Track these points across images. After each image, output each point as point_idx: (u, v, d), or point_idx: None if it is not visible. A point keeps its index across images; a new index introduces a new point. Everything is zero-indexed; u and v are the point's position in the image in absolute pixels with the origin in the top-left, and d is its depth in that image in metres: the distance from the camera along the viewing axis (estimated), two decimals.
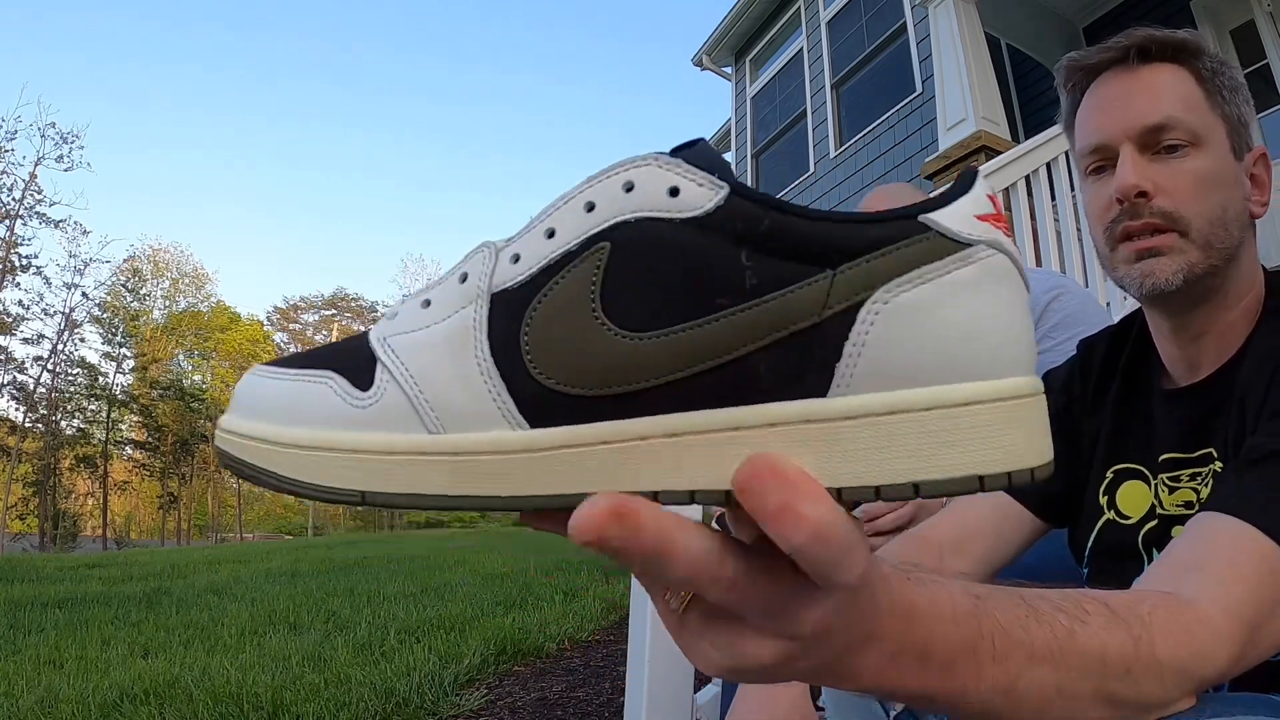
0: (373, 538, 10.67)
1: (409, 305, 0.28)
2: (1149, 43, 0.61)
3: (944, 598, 0.30)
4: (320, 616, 3.61)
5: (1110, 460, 0.66)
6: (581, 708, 2.11)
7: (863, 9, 6.10)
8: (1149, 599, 0.39)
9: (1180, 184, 0.59)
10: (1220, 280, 0.60)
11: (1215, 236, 0.59)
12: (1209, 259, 0.59)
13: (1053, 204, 2.60)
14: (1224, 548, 0.44)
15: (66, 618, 3.93)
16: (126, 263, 28.39)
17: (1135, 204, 0.60)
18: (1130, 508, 0.63)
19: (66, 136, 21.23)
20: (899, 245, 0.23)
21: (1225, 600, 0.41)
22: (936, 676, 0.29)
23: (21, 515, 22.07)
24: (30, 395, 21.69)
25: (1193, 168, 0.59)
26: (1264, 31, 4.23)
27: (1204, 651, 0.38)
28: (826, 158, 6.29)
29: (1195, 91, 0.61)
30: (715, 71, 7.81)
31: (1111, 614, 0.36)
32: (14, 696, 2.34)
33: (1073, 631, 0.33)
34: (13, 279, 20.93)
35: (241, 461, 0.26)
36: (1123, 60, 0.62)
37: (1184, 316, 0.62)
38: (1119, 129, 0.61)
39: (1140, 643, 0.35)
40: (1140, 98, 0.61)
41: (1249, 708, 0.38)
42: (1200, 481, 0.59)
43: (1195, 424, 0.60)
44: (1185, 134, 0.59)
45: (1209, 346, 0.62)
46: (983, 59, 4.22)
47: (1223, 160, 0.60)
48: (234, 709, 2.03)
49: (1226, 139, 0.60)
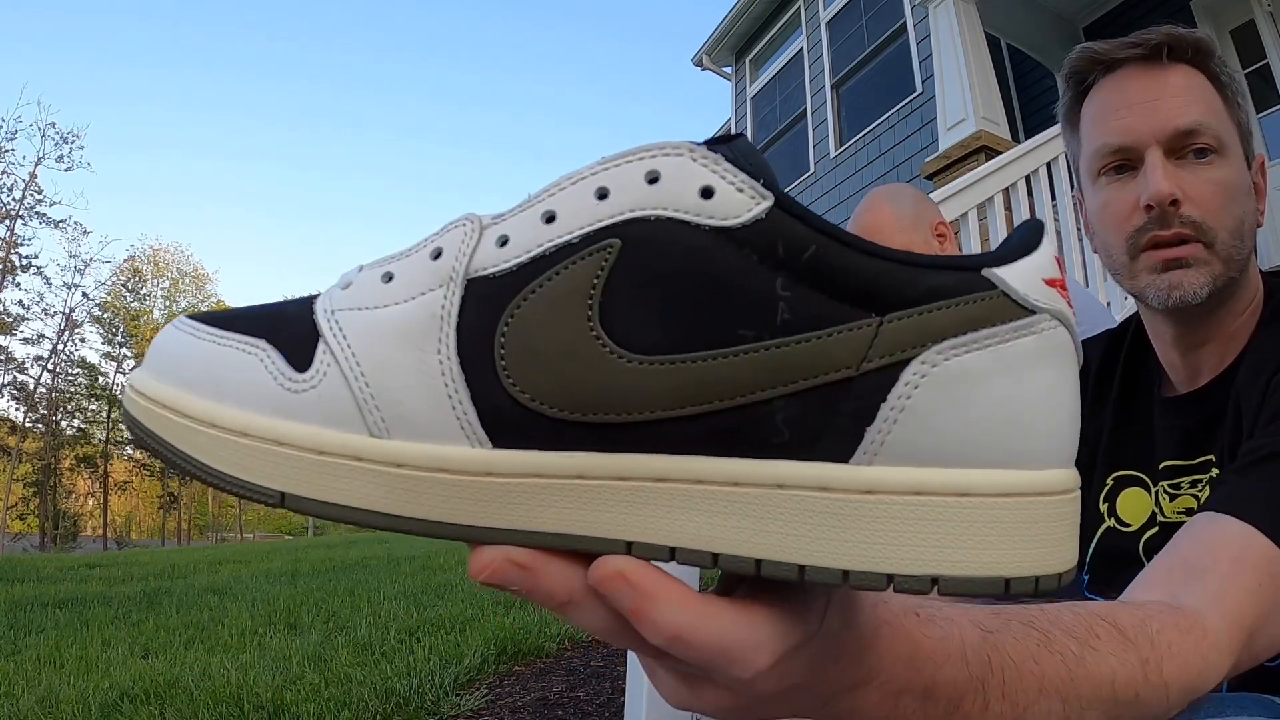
0: (373, 537, 10.65)
1: (367, 276, 0.23)
2: (1175, 41, 0.58)
3: (954, 636, 0.29)
4: (320, 616, 3.60)
5: (1110, 467, 0.66)
6: (582, 708, 2.11)
7: (863, 9, 6.10)
8: (1157, 617, 0.38)
9: (1207, 192, 0.57)
10: (1232, 291, 0.60)
11: (1235, 249, 0.58)
12: (1229, 271, 0.58)
13: (1053, 204, 2.60)
14: (1226, 550, 0.43)
15: (67, 618, 3.93)
16: (127, 263, 28.39)
17: (1166, 212, 0.57)
18: (1130, 515, 0.63)
19: (66, 136, 21.24)
20: (960, 301, 0.20)
21: (1228, 608, 0.40)
22: (941, 713, 0.28)
23: (22, 515, 22.08)
24: (30, 395, 21.70)
25: (1219, 176, 0.58)
26: (1264, 31, 4.23)
27: (1209, 666, 0.38)
28: (826, 158, 6.29)
29: (1216, 96, 0.59)
30: (715, 71, 7.81)
31: (1121, 636, 0.35)
32: (14, 696, 2.34)
33: (1083, 659, 0.33)
34: (13, 279, 20.93)
35: (149, 432, 0.22)
36: (1148, 58, 0.59)
37: (1193, 326, 0.61)
38: (1148, 130, 0.58)
39: (1148, 666, 0.35)
40: (1170, 100, 0.58)
41: (1243, 709, 0.38)
42: (1200, 488, 0.58)
43: (1195, 431, 0.60)
44: (1212, 140, 0.58)
45: (1210, 354, 0.61)
46: (983, 59, 4.22)
47: (1241, 169, 0.59)
48: (234, 709, 2.03)
49: (1240, 146, 0.60)
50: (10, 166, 20.59)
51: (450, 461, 0.21)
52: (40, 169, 20.85)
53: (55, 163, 21.09)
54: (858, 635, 0.25)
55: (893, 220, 1.24)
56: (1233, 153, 0.59)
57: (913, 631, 0.28)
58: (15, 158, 24.81)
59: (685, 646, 0.20)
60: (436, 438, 0.21)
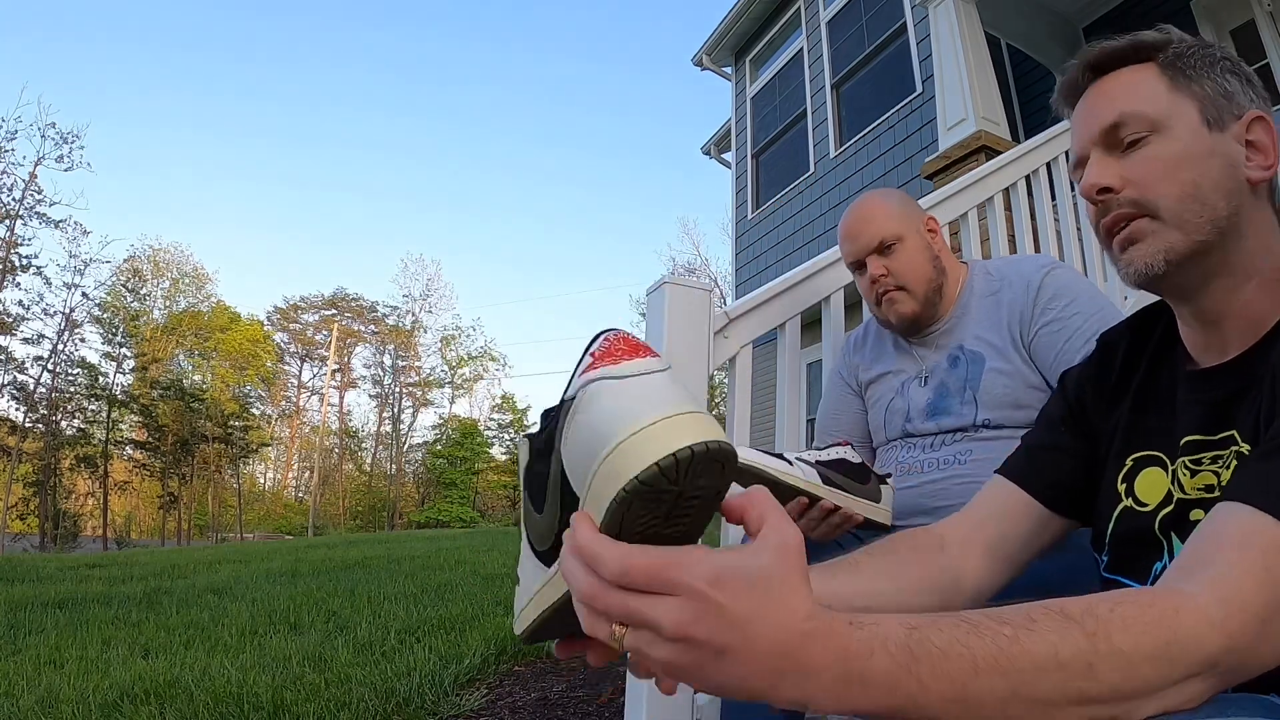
0: (373, 538, 10.65)
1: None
2: (1099, 57, 0.65)
3: (878, 635, 0.37)
4: (320, 616, 3.61)
5: (1130, 448, 0.66)
6: (581, 708, 2.11)
7: (863, 9, 6.10)
8: (1115, 597, 0.41)
9: (1144, 171, 0.61)
10: (1220, 256, 0.59)
11: (1190, 212, 0.59)
12: (1190, 236, 0.59)
13: (1053, 204, 2.60)
14: (1233, 537, 0.44)
15: (67, 618, 3.93)
16: (126, 263, 28.43)
17: (1104, 201, 0.62)
18: (1147, 494, 0.63)
19: (66, 136, 21.18)
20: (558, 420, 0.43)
21: (1222, 586, 0.41)
22: (883, 695, 0.36)
23: (22, 515, 22.06)
24: (30, 395, 21.69)
25: (1154, 153, 0.61)
26: (1264, 31, 4.23)
27: (1183, 636, 0.39)
28: (826, 158, 6.30)
29: (1153, 82, 0.62)
30: (715, 71, 7.82)
31: (1064, 618, 0.39)
32: (14, 696, 2.34)
33: (1016, 638, 0.38)
34: (13, 279, 20.92)
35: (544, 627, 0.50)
36: (1090, 78, 0.66)
37: (1195, 299, 0.62)
38: (1086, 136, 0.65)
39: (1095, 638, 0.38)
40: (1100, 106, 0.64)
41: (1243, 708, 0.38)
42: (1221, 464, 0.58)
43: (1219, 405, 0.60)
44: (1143, 125, 0.61)
45: (1233, 328, 0.61)
46: (983, 59, 4.22)
47: (1191, 138, 0.60)
48: (234, 709, 2.03)
49: (1198, 114, 0.61)
50: (10, 166, 20.59)
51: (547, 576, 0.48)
52: (40, 169, 20.86)
53: (55, 163, 21.07)
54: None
55: (882, 209, 1.28)
56: (1176, 128, 0.61)
57: (842, 634, 0.36)
58: (15, 158, 24.82)
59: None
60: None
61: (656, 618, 0.35)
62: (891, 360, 1.35)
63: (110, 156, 52.98)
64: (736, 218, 7.63)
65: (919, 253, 1.26)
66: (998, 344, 1.20)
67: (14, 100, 42.69)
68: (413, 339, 38.57)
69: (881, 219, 1.27)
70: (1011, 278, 1.24)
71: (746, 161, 7.48)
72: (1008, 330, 1.20)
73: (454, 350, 38.70)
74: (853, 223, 1.29)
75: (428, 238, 63.01)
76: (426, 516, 31.11)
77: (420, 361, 38.77)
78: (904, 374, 1.31)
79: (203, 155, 56.31)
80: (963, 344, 1.24)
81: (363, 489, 35.74)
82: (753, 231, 7.29)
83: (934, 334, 1.28)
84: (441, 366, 38.59)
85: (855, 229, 1.28)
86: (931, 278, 1.26)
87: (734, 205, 7.70)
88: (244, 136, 57.22)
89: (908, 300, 1.25)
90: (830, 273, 1.64)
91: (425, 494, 34.58)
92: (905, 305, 1.25)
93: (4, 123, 24.75)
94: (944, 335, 1.27)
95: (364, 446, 37.94)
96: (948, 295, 1.28)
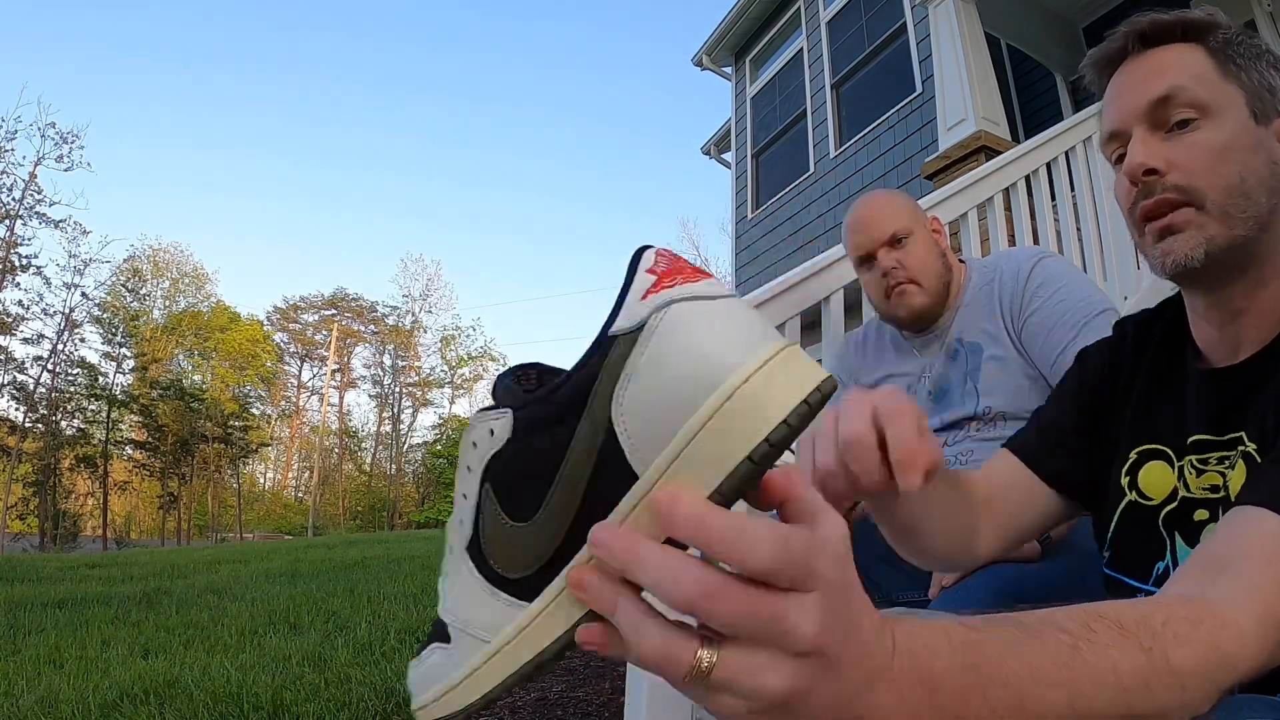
0: (372, 538, 10.66)
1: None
2: (1150, 27, 0.61)
3: (940, 634, 0.31)
4: (320, 616, 3.60)
5: (1135, 441, 0.65)
6: (581, 708, 2.11)
7: (863, 9, 6.10)
8: (1164, 610, 0.38)
9: (1192, 157, 0.58)
10: (1252, 253, 0.58)
11: (1235, 206, 0.57)
12: (1232, 230, 0.57)
13: (1053, 204, 2.60)
14: (1257, 545, 0.43)
15: (66, 618, 3.93)
16: (126, 263, 28.45)
17: (1147, 183, 0.59)
18: (1152, 489, 0.62)
19: (66, 136, 21.23)
20: (609, 364, 0.29)
21: (1255, 603, 0.40)
22: (945, 702, 0.30)
23: (21, 515, 22.05)
24: (30, 395, 21.69)
25: (1204, 139, 0.58)
26: (1264, 31, 4.23)
27: (1228, 658, 0.38)
28: (826, 157, 6.29)
29: (1204, 63, 0.60)
30: (715, 71, 7.81)
31: (1120, 630, 0.36)
32: (14, 696, 2.34)
33: (1077, 649, 0.34)
34: (13, 279, 20.93)
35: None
36: (1136, 47, 0.62)
37: (1218, 294, 0.61)
38: (1130, 111, 0.61)
39: (1152, 654, 0.35)
40: (1148, 77, 0.61)
41: (1255, 711, 0.38)
42: (1227, 465, 0.57)
43: (1229, 406, 0.59)
44: (1192, 105, 0.58)
45: (1249, 326, 0.60)
46: (983, 59, 4.22)
47: (1240, 128, 0.58)
48: (234, 709, 2.03)
49: (1246, 106, 0.59)
50: (10, 166, 20.60)
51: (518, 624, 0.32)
52: (40, 169, 20.88)
53: (55, 163, 21.10)
54: (856, 618, 0.28)
55: (891, 204, 1.29)
56: (1226, 115, 0.58)
57: (909, 633, 0.30)
58: (15, 158, 24.78)
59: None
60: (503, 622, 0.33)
61: (796, 624, 0.26)
62: (893, 362, 1.35)
63: (110, 157, 53.07)
64: (736, 218, 7.62)
65: (929, 248, 1.27)
66: (993, 332, 1.21)
67: (14, 100, 42.72)
68: (413, 339, 38.62)
69: (892, 212, 1.27)
70: (1004, 267, 1.26)
71: (746, 161, 7.48)
72: (1001, 318, 1.21)
73: (454, 350, 38.78)
74: (863, 215, 1.29)
75: (428, 238, 63.08)
76: (426, 516, 31.05)
77: (420, 361, 38.87)
78: (907, 376, 1.32)
79: (203, 156, 56.42)
80: (961, 337, 1.25)
81: (362, 489, 35.75)
82: (752, 231, 7.28)
83: (935, 332, 1.29)
84: (441, 366, 38.70)
85: (866, 221, 1.28)
86: (941, 273, 1.26)
87: (734, 205, 7.70)
88: (244, 137, 57.32)
89: (919, 294, 1.25)
90: (830, 273, 1.64)
91: (425, 494, 34.57)
92: (917, 299, 1.25)
93: (4, 123, 24.77)
94: (945, 333, 1.28)
95: (364, 446, 37.99)
96: (951, 293, 1.29)
